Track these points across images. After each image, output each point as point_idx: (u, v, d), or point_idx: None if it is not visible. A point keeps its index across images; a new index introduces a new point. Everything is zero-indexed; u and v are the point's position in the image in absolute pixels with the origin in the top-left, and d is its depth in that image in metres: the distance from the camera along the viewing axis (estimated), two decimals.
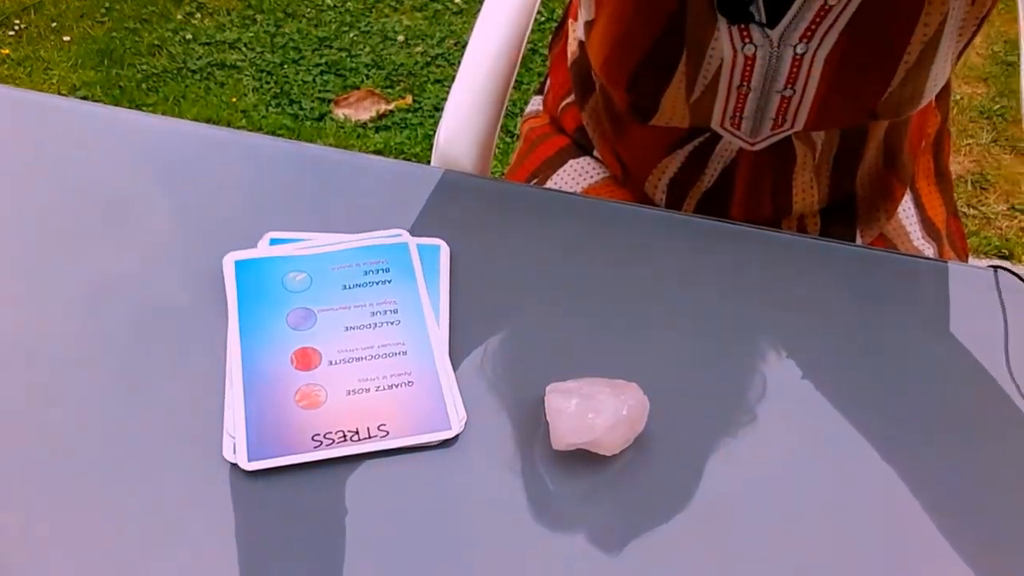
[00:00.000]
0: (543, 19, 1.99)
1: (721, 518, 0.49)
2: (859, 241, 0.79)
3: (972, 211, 1.68)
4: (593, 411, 0.49)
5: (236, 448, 0.50)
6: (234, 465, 0.49)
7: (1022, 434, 0.53)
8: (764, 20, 0.61)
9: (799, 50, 0.62)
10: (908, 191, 0.82)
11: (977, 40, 0.65)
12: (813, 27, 0.61)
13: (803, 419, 0.53)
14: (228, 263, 0.58)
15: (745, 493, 0.50)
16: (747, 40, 0.62)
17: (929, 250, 0.82)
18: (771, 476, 0.51)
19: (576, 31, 0.77)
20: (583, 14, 0.71)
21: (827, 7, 0.60)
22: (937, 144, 0.84)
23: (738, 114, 0.67)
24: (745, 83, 0.65)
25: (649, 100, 0.68)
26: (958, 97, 1.87)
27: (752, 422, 0.53)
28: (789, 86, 0.64)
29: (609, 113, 0.76)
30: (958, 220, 0.86)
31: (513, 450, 0.51)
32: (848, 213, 0.77)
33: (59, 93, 1.79)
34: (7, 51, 1.88)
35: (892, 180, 0.77)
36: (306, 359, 0.54)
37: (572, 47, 0.79)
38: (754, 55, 0.63)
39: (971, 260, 1.35)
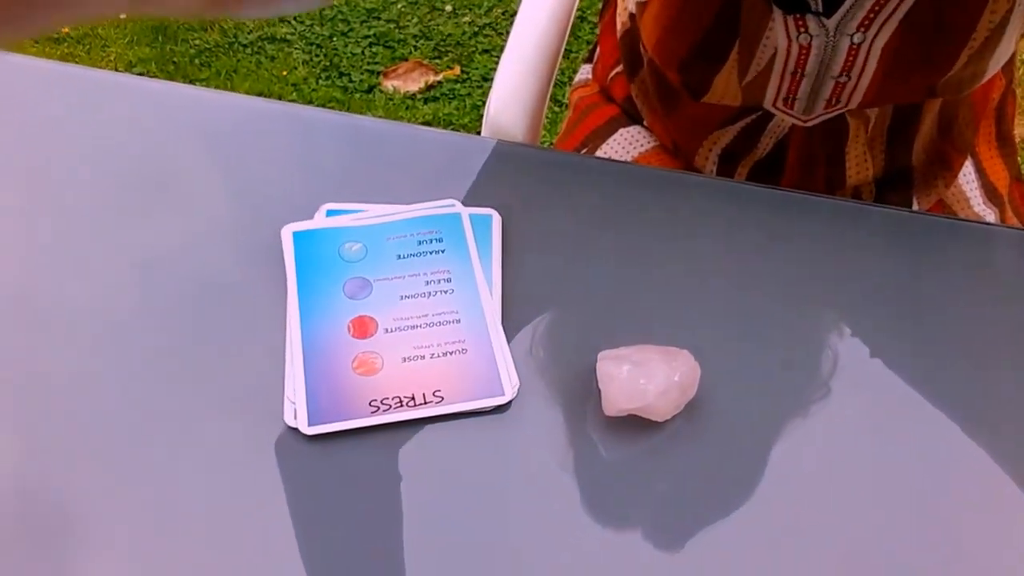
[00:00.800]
0: None
1: (771, 482, 0.49)
2: (916, 207, 0.77)
3: None
4: (645, 377, 0.49)
5: (297, 413, 0.51)
6: (295, 429, 0.51)
7: None
8: (821, 10, 0.59)
9: (856, 39, 0.60)
10: (969, 156, 0.80)
11: None
12: (871, 16, 0.59)
13: (849, 385, 0.53)
14: (286, 234, 0.59)
15: (796, 460, 0.50)
16: (802, 29, 0.60)
17: (990, 215, 0.80)
18: (821, 443, 0.51)
19: (626, 1, 0.76)
20: None
21: None
22: (1000, 108, 0.81)
23: (791, 96, 0.66)
24: (799, 70, 0.63)
25: (701, 81, 0.67)
26: None
27: (807, 390, 0.53)
28: (844, 73, 0.62)
29: (659, 88, 0.75)
30: (1022, 185, 0.84)
31: (565, 415, 0.52)
32: (904, 183, 0.76)
33: (116, 70, 1.83)
34: (66, 29, 1.92)
35: (949, 150, 0.75)
36: (363, 327, 0.55)
37: (622, 18, 0.78)
38: (809, 44, 0.61)
39: None
